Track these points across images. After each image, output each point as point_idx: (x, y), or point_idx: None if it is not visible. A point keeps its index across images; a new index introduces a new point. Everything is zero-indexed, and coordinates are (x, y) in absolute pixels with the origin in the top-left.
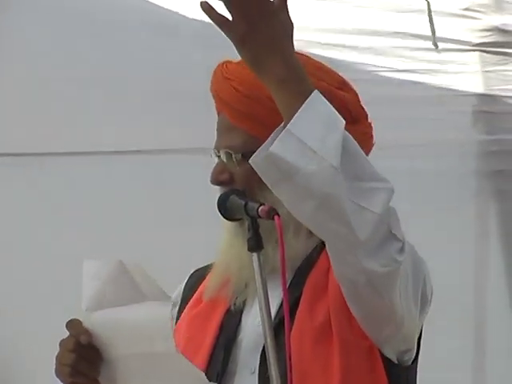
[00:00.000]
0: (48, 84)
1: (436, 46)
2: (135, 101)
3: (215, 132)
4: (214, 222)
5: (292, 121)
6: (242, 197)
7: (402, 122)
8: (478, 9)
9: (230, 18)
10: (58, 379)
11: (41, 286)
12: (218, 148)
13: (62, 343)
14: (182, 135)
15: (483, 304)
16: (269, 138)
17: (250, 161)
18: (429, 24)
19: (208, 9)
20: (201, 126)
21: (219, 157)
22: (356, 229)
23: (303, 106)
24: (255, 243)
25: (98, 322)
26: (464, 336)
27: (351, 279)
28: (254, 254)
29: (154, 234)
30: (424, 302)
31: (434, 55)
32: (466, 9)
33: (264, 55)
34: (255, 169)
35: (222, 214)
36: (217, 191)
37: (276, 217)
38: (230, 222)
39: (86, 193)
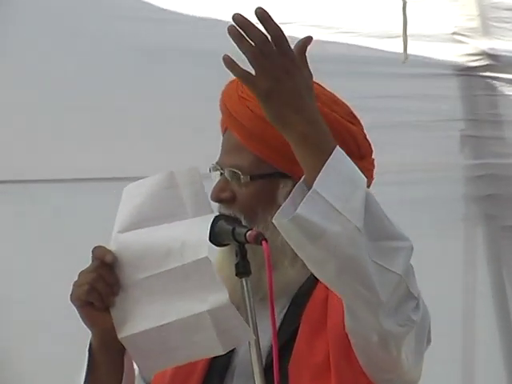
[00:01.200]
0: (34, 110)
1: (405, 59)
2: (123, 127)
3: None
4: None
5: (317, 181)
6: (230, 222)
7: (389, 147)
8: (466, 33)
9: (254, 72)
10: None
11: (28, 311)
12: (222, 165)
13: (82, 271)
14: (175, 161)
15: (471, 328)
16: (289, 197)
17: (274, 221)
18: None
19: (230, 63)
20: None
21: (221, 174)
22: (378, 290)
23: (326, 164)
24: (243, 268)
25: (126, 242)
26: (452, 361)
27: (364, 335)
28: (243, 280)
29: None
30: (427, 347)
31: (420, 80)
32: (454, 33)
33: (287, 112)
34: (279, 230)
35: (210, 239)
36: None
37: (263, 242)
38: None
39: (73, 220)
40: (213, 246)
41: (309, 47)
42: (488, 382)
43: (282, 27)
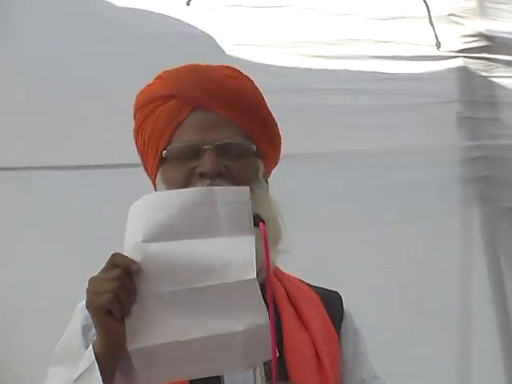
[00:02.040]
0: (36, 97)
1: (438, 45)
2: (124, 113)
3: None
4: None
5: None
6: None
7: (385, 131)
8: (462, 14)
9: None
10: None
11: (28, 300)
12: (210, 141)
13: (98, 276)
14: None
15: (468, 309)
16: None
17: None
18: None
19: None
20: None
21: (208, 150)
22: None
23: None
24: None
25: (154, 253)
26: (448, 343)
27: None
28: None
29: None
30: None
31: (417, 62)
32: (450, 14)
33: None
34: None
35: None
36: None
37: (261, 223)
38: None
39: (73, 207)
40: None
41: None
42: (484, 361)
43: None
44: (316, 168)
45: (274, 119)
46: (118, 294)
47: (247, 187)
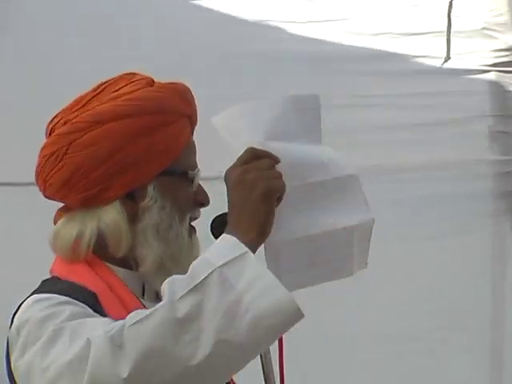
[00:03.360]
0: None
1: (447, 59)
2: None
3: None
4: None
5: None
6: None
7: (418, 145)
8: (495, 28)
9: None
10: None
11: None
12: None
13: (250, 167)
14: None
15: (501, 324)
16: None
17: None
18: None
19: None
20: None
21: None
22: None
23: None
24: None
25: (276, 150)
26: (481, 359)
27: None
28: None
29: None
30: None
31: (449, 76)
32: (483, 28)
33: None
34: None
35: (215, 237)
36: None
37: None
38: None
39: None
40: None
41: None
42: None
43: None
44: None
45: None
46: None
47: (317, 95)
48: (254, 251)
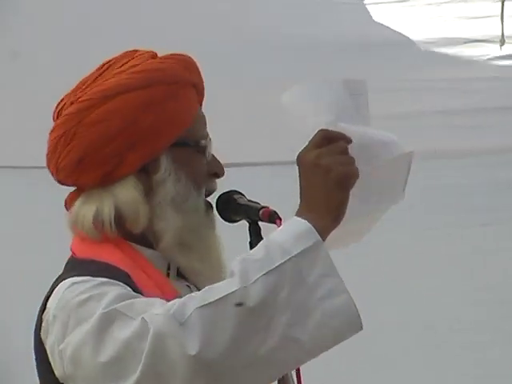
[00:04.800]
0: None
1: (502, 43)
2: None
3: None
4: None
5: None
6: (242, 198)
7: (475, 131)
8: None
9: None
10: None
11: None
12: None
13: (324, 151)
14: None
15: None
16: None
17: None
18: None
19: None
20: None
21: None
22: None
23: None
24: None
25: (346, 130)
26: None
27: None
28: None
29: None
30: None
31: (505, 61)
32: None
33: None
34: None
35: (220, 215)
36: None
37: (278, 220)
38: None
39: None
40: (224, 222)
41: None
42: None
43: None
44: None
45: None
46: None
47: (364, 80)
48: (325, 238)
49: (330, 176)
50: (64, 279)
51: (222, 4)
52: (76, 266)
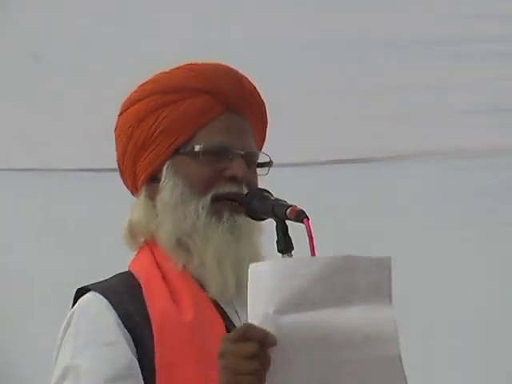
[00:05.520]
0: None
1: None
2: None
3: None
4: None
5: None
6: (269, 197)
7: (498, 130)
8: None
9: None
10: None
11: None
12: (242, 147)
13: (231, 350)
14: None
15: None
16: None
17: None
18: None
19: None
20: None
21: (239, 155)
22: None
23: None
24: (284, 245)
25: (289, 325)
26: None
27: None
28: (285, 256)
29: None
30: None
31: None
32: None
33: None
34: None
35: (248, 214)
36: None
37: (305, 220)
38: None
39: None
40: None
41: None
42: None
43: None
44: (427, 168)
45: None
46: (259, 374)
47: (389, 257)
48: None
49: (222, 378)
50: (89, 290)
51: None
52: (103, 279)
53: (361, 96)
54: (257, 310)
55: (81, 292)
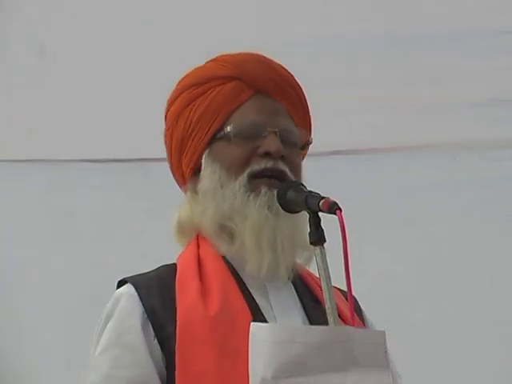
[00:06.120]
0: (149, 88)
1: None
2: None
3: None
4: None
5: None
6: (302, 189)
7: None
8: None
9: None
10: None
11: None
12: (276, 125)
13: None
14: None
15: None
16: None
17: None
18: None
19: None
20: None
21: (273, 132)
22: None
23: None
24: (317, 237)
25: None
26: None
27: None
28: (317, 248)
29: None
30: None
31: None
32: None
33: None
34: None
35: (281, 206)
36: None
37: (338, 211)
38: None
39: None
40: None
41: None
42: None
43: None
44: (430, 161)
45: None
46: None
47: (383, 331)
48: None
49: None
50: (126, 282)
51: None
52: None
53: (364, 87)
54: (256, 373)
55: (120, 284)
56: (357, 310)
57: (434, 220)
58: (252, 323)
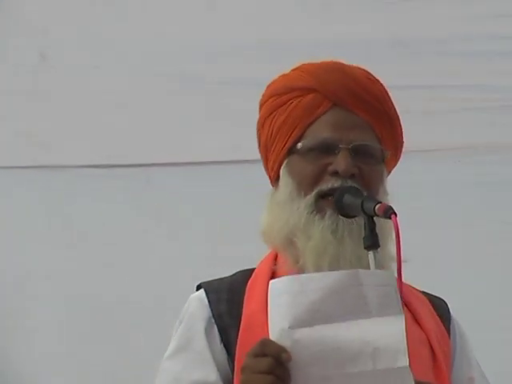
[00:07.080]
0: (151, 95)
1: None
2: (236, 109)
3: None
4: None
5: None
6: (359, 194)
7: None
8: None
9: None
10: None
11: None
12: (348, 141)
13: (250, 365)
14: None
15: None
16: None
17: None
18: None
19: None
20: None
21: (344, 149)
22: None
23: None
24: (371, 241)
25: (303, 339)
26: None
27: None
28: (371, 252)
29: None
30: None
31: None
32: None
33: None
34: None
35: (338, 210)
36: None
37: (393, 216)
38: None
39: (191, 203)
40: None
41: None
42: None
43: None
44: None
45: (401, 126)
46: None
47: (393, 272)
48: None
49: None
50: (200, 286)
51: None
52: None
53: None
54: (275, 325)
55: (197, 288)
56: (443, 317)
57: (439, 223)
58: (271, 281)
